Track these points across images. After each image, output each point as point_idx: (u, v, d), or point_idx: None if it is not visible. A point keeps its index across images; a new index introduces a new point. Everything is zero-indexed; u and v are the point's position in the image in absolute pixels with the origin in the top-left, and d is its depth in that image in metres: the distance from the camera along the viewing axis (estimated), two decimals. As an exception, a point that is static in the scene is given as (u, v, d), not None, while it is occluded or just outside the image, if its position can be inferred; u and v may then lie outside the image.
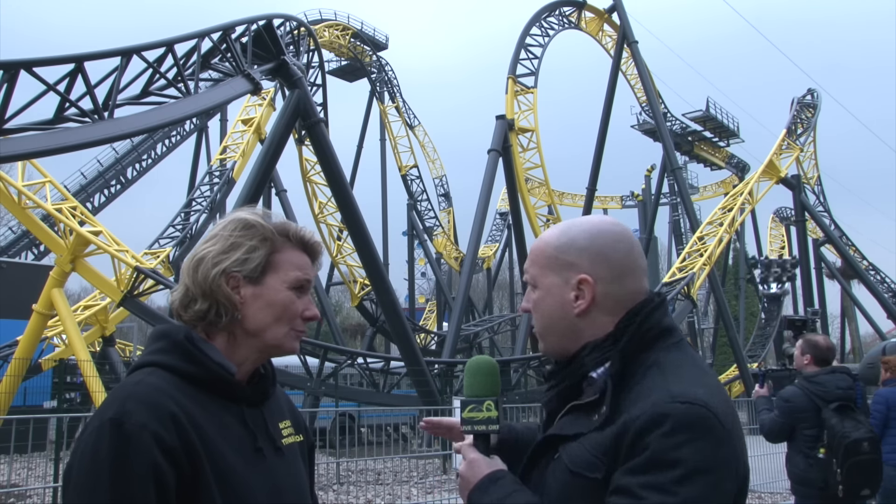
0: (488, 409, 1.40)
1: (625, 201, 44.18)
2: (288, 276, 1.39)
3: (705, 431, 1.18)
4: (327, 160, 16.30)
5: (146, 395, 1.22)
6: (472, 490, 1.34)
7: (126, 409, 1.20)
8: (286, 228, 1.42)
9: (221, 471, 1.24)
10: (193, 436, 1.22)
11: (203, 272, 1.34)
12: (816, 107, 33.09)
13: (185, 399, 1.25)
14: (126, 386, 1.27)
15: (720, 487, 1.18)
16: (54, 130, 10.41)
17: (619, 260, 1.37)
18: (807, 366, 4.56)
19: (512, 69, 25.81)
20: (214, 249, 1.36)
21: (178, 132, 31.94)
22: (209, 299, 1.34)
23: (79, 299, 22.06)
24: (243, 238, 1.37)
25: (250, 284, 1.36)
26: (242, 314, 1.35)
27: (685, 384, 1.24)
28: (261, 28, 14.27)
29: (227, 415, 1.31)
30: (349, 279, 26.50)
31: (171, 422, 1.20)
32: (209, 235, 1.41)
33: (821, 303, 32.95)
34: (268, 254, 1.38)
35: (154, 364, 1.31)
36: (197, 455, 1.21)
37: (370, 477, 11.86)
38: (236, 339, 1.37)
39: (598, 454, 1.24)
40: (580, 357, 1.36)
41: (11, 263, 20.78)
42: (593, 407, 1.30)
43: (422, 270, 46.30)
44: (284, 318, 1.38)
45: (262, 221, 1.40)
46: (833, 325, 46.86)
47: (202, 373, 1.30)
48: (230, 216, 1.43)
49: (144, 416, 1.19)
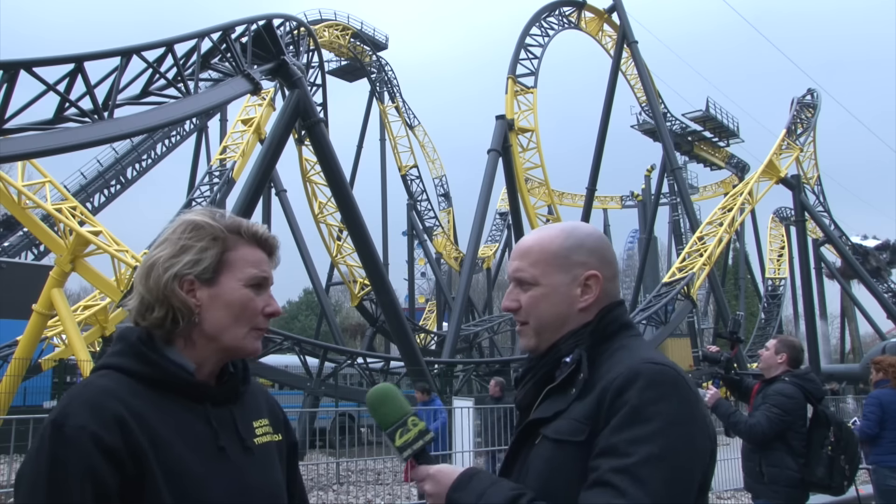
0: (414, 424, 1.43)
1: (625, 201, 44.19)
2: (244, 274, 1.36)
3: (677, 389, 1.30)
4: (327, 160, 16.30)
5: (90, 397, 1.23)
6: (449, 491, 1.36)
7: (67, 411, 1.21)
8: (237, 225, 1.39)
9: (172, 471, 1.23)
10: (140, 436, 1.21)
11: (155, 278, 1.32)
12: (816, 107, 33.11)
13: (135, 400, 1.24)
14: (75, 388, 1.28)
15: (696, 442, 1.29)
16: (54, 130, 10.40)
17: (614, 262, 1.55)
18: (780, 364, 4.50)
19: (512, 69, 25.81)
20: (164, 254, 1.34)
21: (178, 132, 31.94)
22: (165, 305, 1.32)
23: (79, 299, 22.05)
24: (192, 240, 1.35)
25: (205, 286, 1.34)
26: (200, 317, 1.33)
27: (654, 355, 1.39)
28: (261, 28, 14.26)
29: (187, 414, 1.30)
30: (349, 279, 26.49)
31: (115, 423, 1.20)
32: (159, 240, 1.37)
33: (821, 303, 32.96)
34: (220, 253, 1.35)
35: (109, 367, 1.31)
36: (143, 455, 1.20)
37: (370, 477, 11.86)
38: (195, 343, 1.35)
39: (581, 418, 1.33)
40: (557, 345, 1.46)
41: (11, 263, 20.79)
42: (568, 383, 1.40)
43: (422, 270, 46.36)
44: (244, 318, 1.36)
45: (210, 221, 1.37)
46: (833, 325, 46.91)
47: (157, 373, 1.29)
48: (179, 219, 1.39)
49: (84, 418, 1.19)
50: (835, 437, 4.18)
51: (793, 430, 4.24)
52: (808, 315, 27.68)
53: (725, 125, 38.60)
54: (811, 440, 4.22)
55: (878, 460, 5.57)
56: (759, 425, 4.26)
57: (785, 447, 4.25)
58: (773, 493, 4.26)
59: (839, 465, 4.12)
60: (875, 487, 5.71)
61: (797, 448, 4.24)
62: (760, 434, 4.25)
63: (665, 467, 1.22)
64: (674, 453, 1.24)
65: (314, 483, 11.12)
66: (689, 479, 1.27)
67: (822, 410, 4.31)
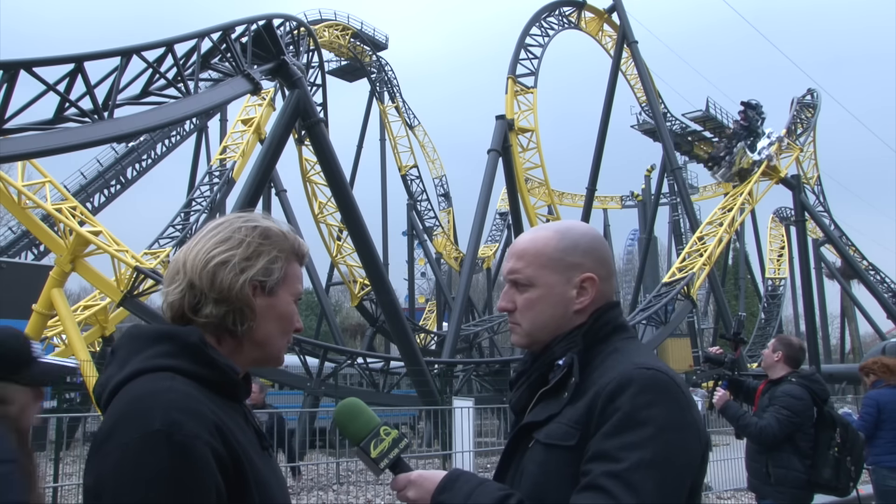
0: (386, 433, 1.42)
1: (625, 201, 44.14)
2: (294, 290, 1.38)
3: (669, 395, 1.30)
4: (327, 160, 16.30)
5: (187, 404, 1.14)
6: (434, 493, 1.35)
7: (172, 419, 1.10)
8: (299, 242, 1.41)
9: (257, 477, 1.21)
10: (234, 443, 1.18)
11: (229, 277, 1.28)
12: (816, 107, 33.12)
13: (213, 405, 1.20)
14: (156, 394, 1.15)
15: (688, 447, 1.29)
16: (54, 130, 10.41)
17: (610, 262, 1.56)
18: (778, 363, 4.50)
19: (512, 69, 25.80)
20: (238, 253, 1.30)
21: (178, 132, 31.92)
22: (227, 305, 1.28)
23: (79, 299, 22.04)
24: (263, 246, 1.33)
25: (266, 296, 1.33)
26: (255, 324, 1.32)
27: (647, 359, 1.37)
28: (261, 28, 14.27)
29: (238, 417, 1.29)
30: (349, 279, 26.49)
31: (217, 430, 1.15)
32: (221, 237, 1.32)
33: (821, 303, 32.95)
34: (285, 265, 1.36)
35: (167, 369, 1.20)
36: (239, 463, 1.17)
37: (370, 477, 11.85)
38: (242, 347, 1.33)
39: (572, 423, 1.33)
40: (551, 347, 1.46)
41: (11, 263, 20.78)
42: (561, 387, 1.40)
43: (422, 270, 46.31)
44: (287, 331, 1.38)
45: (281, 231, 1.38)
46: (833, 325, 46.90)
47: (217, 377, 1.25)
48: (240, 220, 1.37)
49: (195, 427, 1.11)
50: (841, 439, 4.18)
51: (801, 431, 4.24)
52: (808, 315, 27.69)
53: (725, 125, 38.58)
54: (818, 441, 4.22)
55: (877, 460, 5.57)
56: (769, 427, 4.24)
57: (792, 448, 4.25)
58: (779, 494, 4.26)
59: (845, 467, 4.12)
60: (875, 488, 5.70)
61: (804, 449, 4.24)
62: (771, 436, 4.24)
63: (656, 473, 1.23)
64: (665, 459, 1.24)
65: (314, 483, 11.12)
66: (679, 485, 1.27)
67: (828, 411, 4.30)
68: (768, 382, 4.56)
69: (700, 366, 22.54)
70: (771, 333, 33.45)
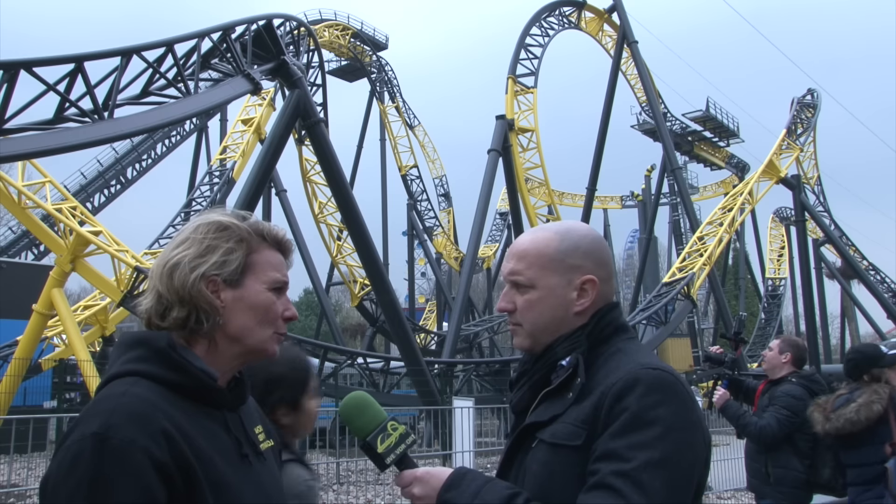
0: (393, 428, 1.40)
1: (625, 201, 44.17)
2: (267, 277, 1.35)
3: (675, 394, 1.31)
4: (327, 160, 16.30)
5: (133, 408, 1.16)
6: (441, 490, 1.34)
7: (111, 423, 1.13)
8: (261, 228, 1.38)
9: (215, 482, 1.20)
10: (185, 449, 1.16)
11: (180, 278, 1.28)
12: (816, 107, 33.09)
13: (173, 410, 1.19)
14: (110, 398, 1.18)
15: (694, 446, 1.30)
16: (54, 130, 10.42)
17: (610, 264, 1.56)
18: (785, 364, 4.49)
19: (512, 69, 25.81)
20: (189, 253, 1.30)
21: (178, 132, 31.92)
22: (188, 306, 1.28)
23: (79, 299, 22.05)
24: (218, 240, 1.32)
25: (230, 288, 1.31)
26: (224, 319, 1.31)
27: (651, 360, 1.39)
28: (261, 28, 14.28)
29: (212, 422, 1.27)
30: (349, 279, 26.50)
31: (163, 435, 1.14)
32: (180, 239, 1.34)
33: (821, 303, 32.94)
34: (245, 255, 1.33)
35: (135, 373, 1.22)
36: (191, 469, 1.16)
37: (370, 477, 11.85)
38: (217, 345, 1.32)
39: (578, 423, 1.33)
40: (553, 348, 1.46)
41: (11, 263, 20.79)
42: (565, 387, 1.40)
43: (422, 270, 46.32)
44: (267, 321, 1.35)
45: (236, 222, 1.35)
46: (833, 325, 46.88)
47: (187, 381, 1.25)
48: (201, 218, 1.37)
49: (132, 431, 1.12)
50: None
51: (800, 431, 4.23)
52: (809, 315, 27.69)
53: (726, 125, 38.61)
54: (817, 441, 4.20)
55: None
56: (769, 427, 4.25)
57: (791, 448, 4.26)
58: (779, 494, 4.26)
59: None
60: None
61: (804, 449, 4.24)
62: (771, 436, 4.24)
63: (665, 472, 1.24)
64: (673, 458, 1.25)
65: (314, 483, 11.10)
66: (687, 484, 1.29)
67: None
68: (768, 382, 4.56)
69: (700, 365, 22.54)
70: (771, 333, 33.45)
